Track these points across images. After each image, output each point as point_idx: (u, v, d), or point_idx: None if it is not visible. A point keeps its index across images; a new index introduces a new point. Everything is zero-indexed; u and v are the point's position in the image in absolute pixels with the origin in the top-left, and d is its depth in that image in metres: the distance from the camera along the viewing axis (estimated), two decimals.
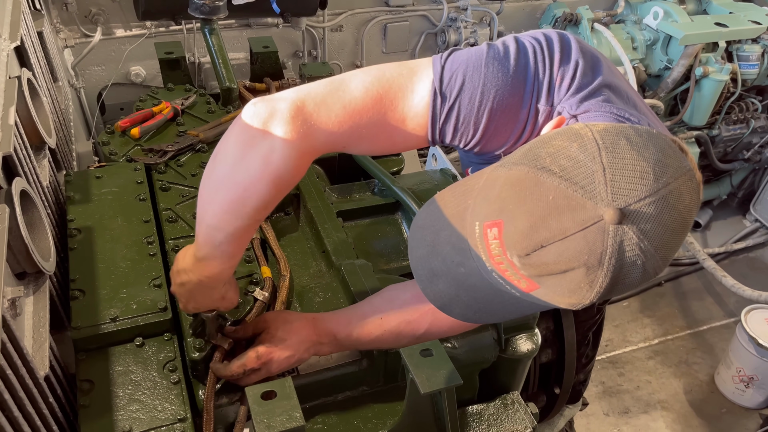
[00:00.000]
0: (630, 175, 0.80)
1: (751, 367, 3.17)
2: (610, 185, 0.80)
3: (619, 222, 0.79)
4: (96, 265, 1.40)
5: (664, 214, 0.80)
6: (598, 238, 0.79)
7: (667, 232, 0.81)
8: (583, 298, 0.84)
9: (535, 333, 1.66)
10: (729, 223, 4.53)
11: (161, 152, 1.76)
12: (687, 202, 0.83)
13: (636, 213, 0.79)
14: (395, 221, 1.83)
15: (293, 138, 1.03)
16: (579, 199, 0.80)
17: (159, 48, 2.18)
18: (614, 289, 0.84)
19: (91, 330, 1.28)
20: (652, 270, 0.83)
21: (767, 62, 3.82)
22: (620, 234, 0.79)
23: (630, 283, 0.84)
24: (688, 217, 0.84)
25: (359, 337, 1.30)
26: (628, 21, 3.74)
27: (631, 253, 0.80)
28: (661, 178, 0.81)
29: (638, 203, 0.79)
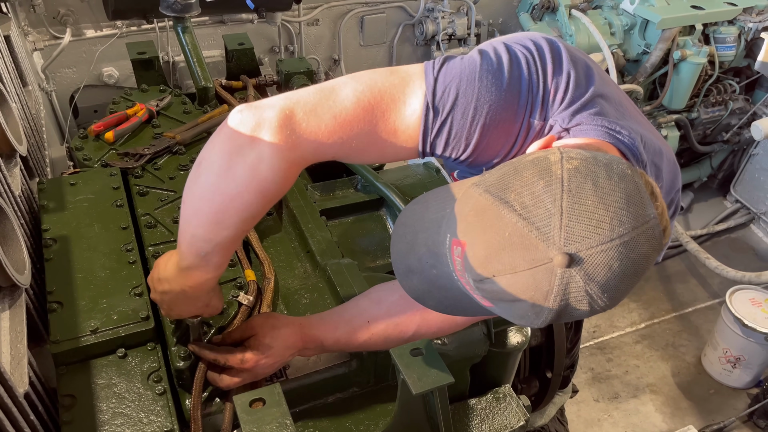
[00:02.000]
0: (586, 222, 0.82)
1: (737, 348, 3.20)
2: (564, 230, 0.82)
3: (567, 266, 0.81)
4: (73, 275, 1.36)
5: (614, 263, 0.82)
6: (545, 278, 0.82)
7: (616, 279, 0.82)
8: (532, 324, 0.88)
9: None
10: (710, 205, 4.56)
11: (137, 156, 1.71)
12: (644, 251, 0.84)
13: (585, 259, 0.81)
14: (380, 218, 1.81)
15: (282, 148, 1.01)
16: (533, 240, 0.82)
17: (131, 48, 2.13)
18: (562, 319, 0.88)
19: (71, 343, 1.24)
20: (599, 308, 0.85)
21: (743, 44, 3.84)
22: (567, 277, 0.82)
23: (577, 316, 0.87)
24: (644, 265, 0.85)
25: (347, 342, 1.28)
26: (605, 6, 3.74)
27: (576, 294, 0.83)
28: (618, 229, 0.82)
29: (589, 250, 0.81)
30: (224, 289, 1.38)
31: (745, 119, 4.17)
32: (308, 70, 2.22)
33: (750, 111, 4.15)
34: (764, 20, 3.75)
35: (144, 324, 1.28)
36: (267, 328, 1.26)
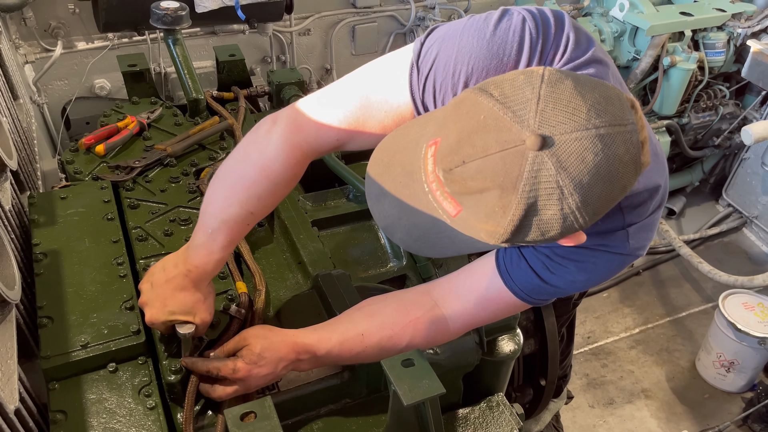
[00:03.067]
0: (562, 108, 0.81)
1: (731, 352, 3.21)
2: (540, 114, 0.81)
3: (539, 148, 0.80)
4: (64, 290, 1.36)
5: (588, 155, 0.80)
6: (515, 161, 0.81)
7: (589, 175, 0.81)
8: (498, 225, 0.85)
9: (517, 333, 1.65)
10: (702, 209, 4.58)
11: (128, 169, 1.71)
12: (619, 153, 0.82)
13: (558, 144, 0.80)
14: (372, 227, 1.81)
15: (285, 131, 1.18)
16: (507, 122, 0.82)
17: (122, 61, 2.13)
18: (530, 226, 0.84)
19: (62, 358, 1.23)
20: (570, 214, 0.83)
21: (733, 49, 3.87)
22: (538, 162, 0.80)
23: (547, 222, 0.84)
24: (620, 170, 0.83)
25: (340, 353, 1.28)
26: (594, 13, 3.76)
27: (546, 185, 0.81)
28: (594, 120, 0.81)
29: (563, 135, 0.80)
30: (216, 302, 1.38)
31: (736, 124, 4.20)
32: (299, 81, 2.23)
33: (740, 116, 4.18)
34: (753, 26, 3.78)
35: (135, 338, 1.28)
36: (259, 338, 1.26)
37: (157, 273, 1.26)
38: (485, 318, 1.32)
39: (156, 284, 1.25)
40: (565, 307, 2.13)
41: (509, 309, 1.28)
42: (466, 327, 1.34)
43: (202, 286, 1.26)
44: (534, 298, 1.22)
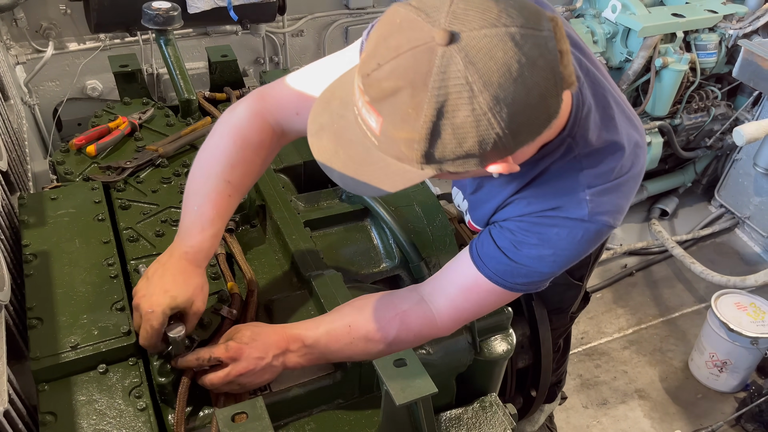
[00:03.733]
0: (474, 7, 0.83)
1: (723, 352, 3.21)
2: (451, 13, 0.83)
3: (447, 43, 0.81)
4: (54, 291, 1.35)
5: (497, 52, 0.81)
6: (425, 57, 0.82)
7: (499, 73, 0.81)
8: (413, 129, 0.85)
9: (510, 334, 1.65)
10: (695, 210, 4.60)
11: (119, 169, 1.70)
12: (532, 55, 0.83)
13: (467, 40, 0.81)
14: (364, 228, 1.81)
15: (249, 102, 1.30)
16: (420, 23, 0.84)
17: (113, 61, 2.12)
18: (444, 132, 0.85)
19: (52, 359, 1.22)
20: (483, 116, 0.83)
21: (724, 50, 3.88)
22: (447, 57, 0.81)
23: (461, 126, 0.84)
24: (534, 74, 0.83)
25: (328, 345, 1.28)
26: (587, 15, 3.77)
27: (455, 82, 0.81)
28: (504, 19, 0.82)
29: (472, 32, 0.82)
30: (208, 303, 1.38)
31: (728, 125, 4.21)
32: None
33: (732, 117, 4.20)
34: (744, 27, 3.80)
35: (125, 339, 1.27)
36: (250, 326, 1.28)
37: (152, 268, 1.25)
38: (469, 309, 1.31)
39: (154, 275, 1.24)
40: (562, 320, 2.13)
41: (491, 298, 1.27)
42: (452, 321, 1.32)
43: (201, 270, 1.27)
44: (509, 282, 1.21)
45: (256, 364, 1.23)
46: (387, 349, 1.30)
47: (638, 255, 4.17)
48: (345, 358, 1.34)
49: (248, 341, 1.23)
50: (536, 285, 1.25)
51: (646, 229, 4.36)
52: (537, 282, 1.24)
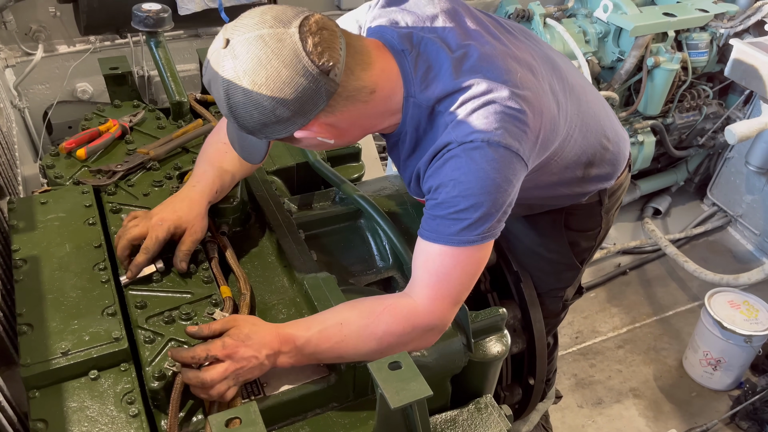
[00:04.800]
0: (249, 19, 1.20)
1: (717, 350, 3.22)
2: (233, 26, 1.21)
3: (224, 46, 1.19)
4: (44, 296, 1.33)
5: (252, 47, 1.17)
6: (215, 57, 1.21)
7: (250, 60, 1.16)
8: (224, 109, 1.24)
9: (504, 335, 1.65)
10: (687, 209, 4.61)
11: (110, 173, 1.69)
12: (273, 45, 1.16)
13: (234, 43, 1.18)
14: (358, 229, 1.80)
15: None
16: (221, 34, 1.22)
17: (103, 64, 2.10)
18: (239, 108, 1.21)
19: (42, 366, 1.21)
20: (251, 92, 1.18)
21: (716, 49, 3.90)
22: (222, 56, 1.19)
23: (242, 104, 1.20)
24: (274, 56, 1.16)
25: (319, 344, 1.28)
26: (578, 15, 3.77)
27: (227, 71, 1.18)
28: (258, 26, 1.18)
29: (238, 37, 1.18)
30: (199, 307, 1.37)
31: (720, 123, 4.23)
32: None
33: (724, 115, 4.21)
34: (735, 26, 3.81)
35: (117, 344, 1.26)
36: (248, 322, 1.29)
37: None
38: (438, 283, 1.33)
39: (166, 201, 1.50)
40: (555, 306, 2.13)
41: (447, 261, 1.31)
42: (429, 300, 1.33)
43: (203, 203, 1.49)
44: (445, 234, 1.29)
45: (248, 362, 1.24)
46: (378, 346, 1.30)
47: (632, 254, 4.18)
48: (336, 357, 1.33)
49: (244, 339, 1.24)
50: (474, 229, 1.29)
51: (639, 228, 4.37)
52: (472, 226, 1.28)
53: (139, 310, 1.34)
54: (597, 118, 1.66)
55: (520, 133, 1.29)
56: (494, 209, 1.29)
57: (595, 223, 1.93)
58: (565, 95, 1.51)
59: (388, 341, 1.31)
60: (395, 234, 1.69)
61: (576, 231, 1.96)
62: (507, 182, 1.29)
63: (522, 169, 1.32)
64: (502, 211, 1.31)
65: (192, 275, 1.44)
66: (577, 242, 1.98)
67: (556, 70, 1.52)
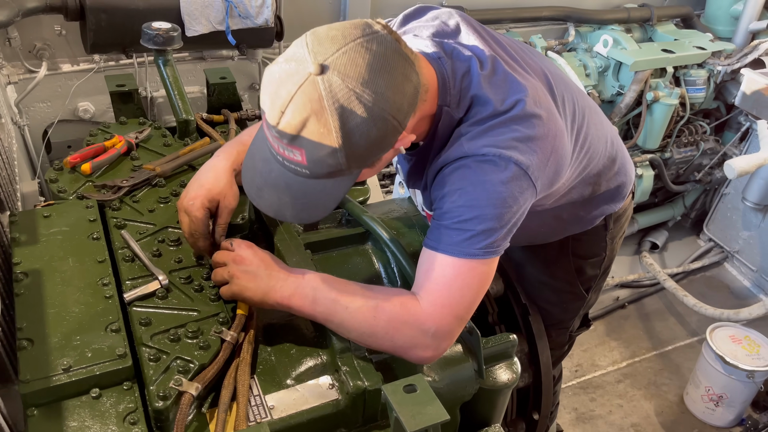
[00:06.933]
0: (323, 40, 1.12)
1: (719, 386, 3.18)
2: (312, 53, 1.11)
3: (321, 72, 1.09)
4: (45, 311, 1.28)
5: (357, 58, 1.09)
6: (312, 88, 1.09)
7: (365, 70, 1.09)
8: (331, 142, 1.11)
9: (515, 362, 1.61)
10: (684, 244, 4.62)
11: (115, 188, 1.66)
12: (380, 50, 1.12)
13: (333, 63, 1.09)
14: (365, 252, 1.76)
15: None
16: (293, 69, 1.11)
17: (110, 81, 2.08)
18: (355, 131, 1.11)
19: (42, 383, 1.15)
20: (373, 104, 1.09)
21: (713, 86, 3.95)
22: (327, 80, 1.09)
23: (362, 124, 1.10)
24: (388, 60, 1.12)
25: (324, 281, 1.31)
26: (579, 49, 3.82)
27: (342, 93, 1.08)
28: (349, 36, 1.11)
29: (333, 56, 1.10)
30: (206, 325, 1.32)
31: (716, 159, 4.26)
32: None
33: (720, 151, 4.25)
34: (732, 64, 3.87)
35: (120, 362, 1.21)
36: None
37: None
38: (438, 291, 1.29)
39: (191, 181, 1.46)
40: (561, 337, 2.10)
41: (447, 271, 1.28)
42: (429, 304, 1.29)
43: (230, 172, 1.45)
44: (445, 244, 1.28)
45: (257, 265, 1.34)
46: (374, 322, 1.28)
47: (630, 287, 4.16)
48: (331, 312, 1.30)
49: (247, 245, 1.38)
50: (477, 242, 1.26)
51: (637, 261, 4.36)
52: (475, 238, 1.26)
53: (143, 327, 1.29)
54: (604, 138, 1.66)
55: (531, 153, 1.29)
56: (498, 224, 1.27)
57: (601, 249, 1.92)
58: (575, 116, 1.51)
59: (385, 315, 1.28)
60: (404, 256, 1.66)
61: (582, 258, 1.94)
62: (513, 199, 1.28)
63: (529, 189, 1.31)
64: (506, 228, 1.29)
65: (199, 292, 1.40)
66: (582, 269, 1.96)
67: (568, 92, 1.52)
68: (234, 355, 1.31)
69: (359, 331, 1.29)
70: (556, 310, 2.05)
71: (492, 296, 2.00)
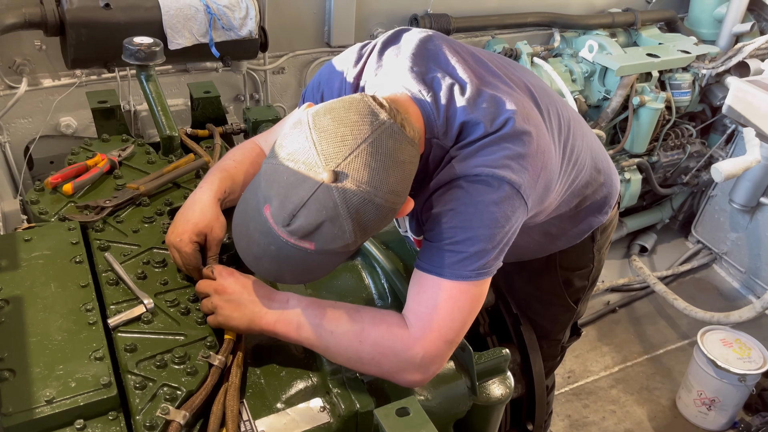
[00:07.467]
0: (332, 141, 1.09)
1: (711, 389, 3.18)
2: (321, 155, 1.08)
3: (335, 180, 1.07)
4: (27, 339, 1.25)
5: (370, 160, 1.08)
6: (326, 196, 1.07)
7: (380, 172, 1.09)
8: (345, 240, 1.11)
9: (508, 376, 1.59)
10: (673, 246, 4.63)
11: (98, 208, 1.62)
12: (390, 145, 1.11)
13: (346, 168, 1.07)
14: (354, 267, 1.74)
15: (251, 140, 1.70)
16: (303, 173, 1.08)
17: (91, 97, 2.05)
18: (367, 227, 1.12)
19: (24, 415, 1.12)
20: (385, 201, 1.11)
21: (698, 89, 3.96)
22: (341, 189, 1.07)
23: (374, 219, 1.11)
24: (397, 154, 1.12)
25: (308, 306, 1.30)
26: (564, 54, 3.82)
27: (357, 198, 1.08)
28: (358, 138, 1.09)
29: (345, 161, 1.07)
30: (193, 350, 1.29)
31: (703, 162, 4.28)
32: (276, 118, 2.17)
33: (707, 154, 4.27)
34: (717, 67, 3.89)
35: (105, 391, 1.17)
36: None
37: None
38: (428, 314, 1.27)
39: (176, 216, 1.46)
40: (553, 349, 2.09)
41: (440, 294, 1.26)
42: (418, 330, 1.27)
43: (215, 203, 1.44)
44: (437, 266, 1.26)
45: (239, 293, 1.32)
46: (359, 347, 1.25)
47: (620, 291, 4.16)
48: (316, 337, 1.28)
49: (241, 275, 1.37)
50: (469, 264, 1.25)
51: (626, 265, 4.37)
52: (467, 260, 1.24)
53: (128, 354, 1.26)
54: (590, 149, 1.65)
55: (523, 171, 1.27)
56: (491, 245, 1.26)
57: (588, 260, 1.91)
58: (561, 129, 1.50)
59: (371, 351, 1.26)
60: (394, 271, 1.64)
61: (569, 270, 1.93)
62: (506, 218, 1.26)
63: (521, 207, 1.30)
64: (499, 248, 1.28)
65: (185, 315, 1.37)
66: (570, 281, 1.95)
67: (552, 104, 1.51)
68: (222, 379, 1.29)
69: (345, 356, 1.27)
70: (545, 322, 2.03)
71: (483, 307, 1.99)
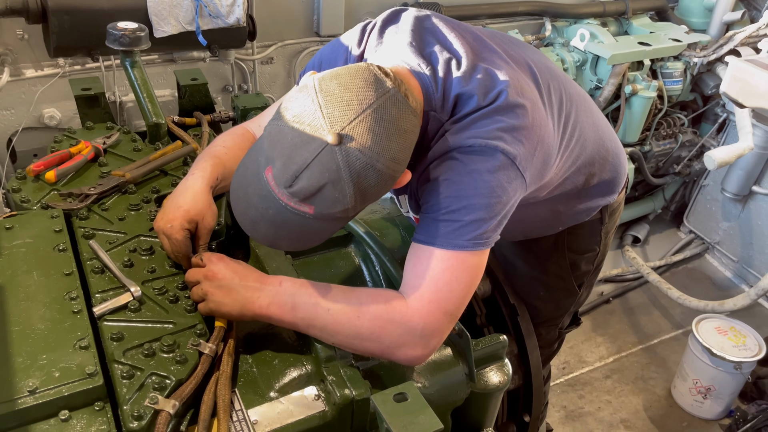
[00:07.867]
0: (337, 104, 1.10)
1: (707, 378, 3.17)
2: (327, 118, 1.09)
3: (340, 142, 1.07)
4: (9, 329, 1.20)
5: (374, 126, 1.09)
6: (329, 158, 1.08)
7: (383, 138, 1.10)
8: (346, 205, 1.12)
9: (506, 363, 1.56)
10: (665, 236, 4.62)
11: (82, 196, 1.57)
12: (394, 113, 1.13)
13: (351, 131, 1.08)
14: (348, 254, 1.71)
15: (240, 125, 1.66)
16: (308, 134, 1.09)
17: (75, 84, 2.00)
18: (367, 193, 1.13)
19: (6, 406, 1.07)
20: (386, 168, 1.12)
21: (689, 78, 3.95)
22: (344, 150, 1.08)
23: (374, 185, 1.12)
24: (400, 123, 1.14)
25: (303, 286, 1.28)
26: (556, 44, 3.80)
27: (359, 162, 1.09)
28: (363, 103, 1.10)
29: (350, 125, 1.08)
30: (182, 338, 1.25)
31: (695, 151, 4.27)
32: (265, 106, 2.13)
33: (698, 143, 4.26)
34: (708, 55, 3.88)
35: (90, 381, 1.13)
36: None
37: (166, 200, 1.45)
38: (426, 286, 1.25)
39: (166, 201, 1.43)
40: (551, 335, 2.06)
41: (437, 265, 1.24)
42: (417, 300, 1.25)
43: (207, 190, 1.41)
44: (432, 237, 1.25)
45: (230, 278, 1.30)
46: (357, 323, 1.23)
47: (614, 282, 4.15)
48: (312, 317, 1.25)
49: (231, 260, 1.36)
50: (466, 233, 1.23)
51: (619, 256, 4.35)
52: (463, 229, 1.22)
53: (115, 343, 1.22)
54: (595, 127, 1.63)
55: (517, 143, 1.26)
56: (488, 215, 1.24)
57: (595, 243, 1.89)
58: (562, 104, 1.47)
59: (370, 326, 1.23)
60: (388, 258, 1.60)
61: (576, 252, 1.92)
62: (502, 188, 1.25)
63: (518, 179, 1.28)
64: (496, 219, 1.26)
65: (174, 303, 1.33)
66: (576, 264, 1.93)
67: (555, 80, 1.49)
68: (213, 368, 1.25)
69: (343, 333, 1.24)
70: (548, 306, 2.01)
71: (479, 297, 1.96)
